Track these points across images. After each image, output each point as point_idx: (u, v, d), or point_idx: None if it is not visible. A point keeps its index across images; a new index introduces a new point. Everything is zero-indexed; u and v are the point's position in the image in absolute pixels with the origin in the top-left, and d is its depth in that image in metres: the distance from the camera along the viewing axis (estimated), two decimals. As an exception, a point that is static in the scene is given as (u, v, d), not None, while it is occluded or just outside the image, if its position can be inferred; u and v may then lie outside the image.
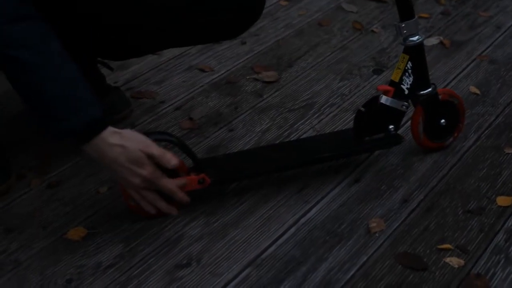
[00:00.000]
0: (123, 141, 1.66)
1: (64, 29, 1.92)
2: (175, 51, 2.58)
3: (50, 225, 1.81)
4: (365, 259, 1.72)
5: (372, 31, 2.78)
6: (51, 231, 1.79)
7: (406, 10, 1.91)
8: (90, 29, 1.96)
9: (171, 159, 1.71)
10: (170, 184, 1.72)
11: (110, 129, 1.66)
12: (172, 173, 1.76)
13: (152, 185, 1.70)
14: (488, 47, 2.67)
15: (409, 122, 2.07)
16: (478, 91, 2.38)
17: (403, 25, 1.91)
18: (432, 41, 2.69)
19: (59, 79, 1.62)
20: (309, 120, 2.23)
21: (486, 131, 2.18)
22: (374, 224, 1.81)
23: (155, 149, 1.69)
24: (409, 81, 1.94)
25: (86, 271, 1.68)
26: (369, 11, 2.93)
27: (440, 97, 2.00)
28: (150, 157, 1.68)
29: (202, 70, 2.49)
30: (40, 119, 1.66)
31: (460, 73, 2.50)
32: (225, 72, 2.49)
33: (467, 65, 2.54)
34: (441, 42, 2.69)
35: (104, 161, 1.67)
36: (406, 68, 1.93)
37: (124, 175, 1.67)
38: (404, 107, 1.95)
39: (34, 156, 2.04)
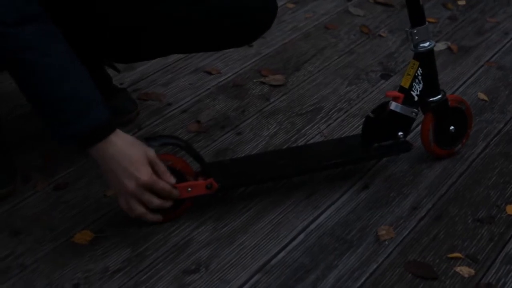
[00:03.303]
0: (127, 142, 1.66)
1: (71, 29, 1.91)
2: (182, 52, 2.57)
3: (57, 228, 1.79)
4: (375, 267, 1.71)
5: (380, 35, 2.76)
6: (57, 234, 1.78)
7: (417, 16, 1.89)
8: (99, 30, 1.94)
9: (171, 177, 1.71)
10: (167, 185, 1.70)
11: (117, 131, 1.65)
12: (179, 177, 1.75)
13: (145, 192, 1.67)
14: (496, 53, 2.66)
15: (418, 128, 2.06)
16: (486, 98, 2.36)
17: (415, 31, 1.89)
18: (440, 46, 2.67)
19: (67, 81, 1.61)
20: (316, 125, 2.21)
21: (495, 138, 2.17)
22: (383, 232, 1.80)
23: (160, 162, 1.69)
24: (419, 87, 1.93)
25: (94, 276, 1.66)
26: (376, 15, 2.92)
27: (449, 103, 1.98)
28: (153, 166, 1.68)
29: (209, 73, 2.48)
30: (48, 123, 1.64)
31: (468, 79, 2.49)
32: (232, 75, 2.47)
33: (475, 71, 2.53)
34: (448, 48, 2.67)
35: (104, 162, 1.65)
36: (416, 74, 1.92)
37: (120, 176, 1.65)
38: (414, 113, 1.93)
39: (39, 156, 2.02)
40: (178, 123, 2.21)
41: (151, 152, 1.68)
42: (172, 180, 1.71)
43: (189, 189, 1.75)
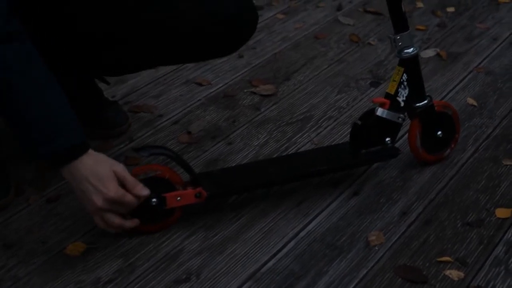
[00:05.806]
0: (97, 161, 1.67)
1: (56, 44, 1.92)
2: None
3: (49, 240, 1.81)
4: (365, 272, 1.72)
5: (369, 43, 2.78)
6: (50, 246, 1.79)
7: (400, 22, 1.91)
8: (82, 42, 1.95)
9: (143, 189, 1.70)
10: (133, 199, 1.69)
11: (89, 151, 1.67)
12: (168, 186, 1.76)
13: (115, 205, 1.68)
14: (485, 58, 2.68)
15: (407, 135, 2.07)
16: (475, 103, 2.38)
17: (398, 37, 1.91)
18: (429, 53, 2.70)
19: (43, 102, 1.62)
20: (307, 134, 2.23)
21: (484, 143, 2.18)
22: (373, 237, 1.81)
23: (129, 176, 1.69)
24: (405, 93, 1.94)
25: (85, 287, 1.67)
26: (366, 24, 2.94)
27: (435, 108, 2.00)
28: (122, 181, 1.68)
29: (200, 84, 2.50)
30: (22, 141, 1.66)
31: (457, 85, 2.50)
32: (222, 86, 2.49)
33: (464, 77, 2.55)
34: (438, 54, 2.69)
35: (75, 181, 1.66)
36: (402, 80, 1.94)
37: (89, 193, 1.65)
38: (400, 119, 1.95)
39: (32, 169, 2.04)
40: (169, 134, 2.22)
41: (118, 167, 1.68)
42: (145, 192, 1.70)
43: (179, 198, 1.77)
